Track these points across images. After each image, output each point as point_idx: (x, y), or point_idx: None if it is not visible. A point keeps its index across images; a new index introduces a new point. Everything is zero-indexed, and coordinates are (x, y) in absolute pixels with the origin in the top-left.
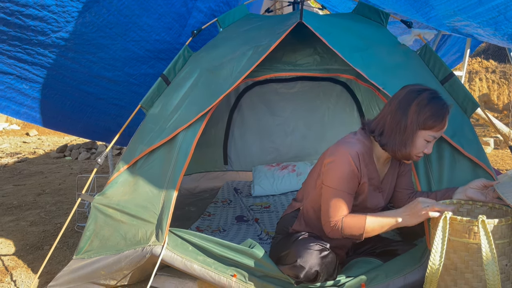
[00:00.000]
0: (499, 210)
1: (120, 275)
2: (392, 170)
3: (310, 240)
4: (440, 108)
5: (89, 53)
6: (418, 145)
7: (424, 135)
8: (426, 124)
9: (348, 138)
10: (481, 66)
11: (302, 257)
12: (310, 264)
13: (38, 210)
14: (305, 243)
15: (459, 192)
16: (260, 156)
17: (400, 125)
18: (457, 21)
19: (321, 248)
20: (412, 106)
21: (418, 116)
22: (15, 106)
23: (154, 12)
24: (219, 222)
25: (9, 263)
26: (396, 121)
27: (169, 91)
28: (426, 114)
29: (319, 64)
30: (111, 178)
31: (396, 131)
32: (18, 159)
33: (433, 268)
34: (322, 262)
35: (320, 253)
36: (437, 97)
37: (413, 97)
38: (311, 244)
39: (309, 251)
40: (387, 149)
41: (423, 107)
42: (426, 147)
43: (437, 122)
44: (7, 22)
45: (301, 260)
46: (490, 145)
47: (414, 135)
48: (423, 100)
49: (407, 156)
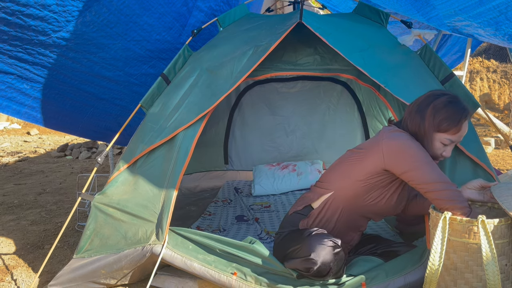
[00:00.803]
0: (498, 210)
1: (120, 274)
2: None
3: (324, 236)
4: (455, 112)
5: (90, 53)
6: (436, 148)
7: (440, 138)
8: (441, 127)
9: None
10: (482, 66)
11: (316, 252)
12: (324, 259)
13: (39, 209)
14: (319, 238)
15: None
16: (260, 155)
17: (419, 128)
18: (457, 21)
19: (334, 245)
20: (429, 109)
21: (434, 119)
22: (16, 106)
23: (154, 11)
24: (220, 222)
25: (9, 262)
26: (416, 124)
27: (169, 91)
28: (441, 117)
29: (320, 63)
30: (111, 177)
31: (418, 133)
32: (19, 158)
33: (433, 268)
34: (335, 258)
35: (333, 249)
36: (455, 101)
37: (431, 100)
38: (325, 240)
39: (323, 246)
40: None
41: (439, 110)
42: (444, 150)
43: (452, 125)
44: (8, 22)
45: (315, 255)
46: (491, 145)
47: (431, 137)
48: (440, 104)
49: None
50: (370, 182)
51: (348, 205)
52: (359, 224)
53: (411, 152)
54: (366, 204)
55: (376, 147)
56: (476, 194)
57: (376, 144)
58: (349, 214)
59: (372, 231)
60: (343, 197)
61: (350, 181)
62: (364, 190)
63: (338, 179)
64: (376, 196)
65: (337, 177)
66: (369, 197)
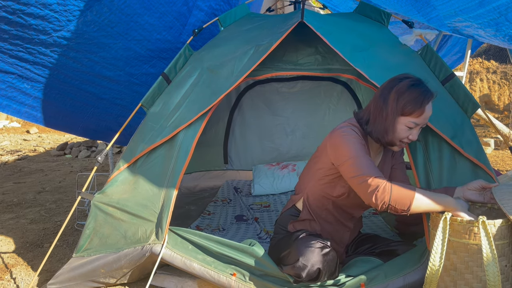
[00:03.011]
0: (498, 211)
1: (119, 274)
2: (386, 161)
3: (311, 238)
4: (418, 95)
5: (91, 53)
6: (400, 132)
7: (404, 122)
8: (405, 110)
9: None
10: (482, 67)
11: (304, 256)
12: (312, 262)
13: (38, 208)
14: (306, 241)
15: (457, 193)
16: (260, 155)
17: (382, 112)
18: (458, 22)
19: (322, 246)
20: (392, 93)
21: (397, 103)
22: (16, 105)
23: (155, 11)
24: (219, 221)
25: (9, 261)
26: (379, 109)
27: (170, 90)
28: (404, 100)
29: (320, 63)
30: (111, 177)
31: (379, 118)
32: (18, 157)
33: (433, 269)
34: (324, 259)
35: (321, 250)
36: (417, 84)
37: (394, 84)
38: (312, 242)
39: (310, 249)
40: (372, 137)
41: (402, 94)
42: (410, 133)
43: (415, 108)
44: (8, 20)
45: (303, 259)
46: (490, 146)
47: (394, 121)
48: (403, 87)
49: (391, 143)
50: (330, 178)
51: (321, 204)
52: (342, 221)
53: (345, 146)
54: (337, 200)
55: (325, 143)
56: (476, 195)
57: (326, 140)
58: (327, 212)
59: (370, 231)
60: (315, 197)
61: (314, 181)
62: (329, 187)
63: (306, 180)
64: (342, 191)
65: (305, 178)
66: (336, 192)
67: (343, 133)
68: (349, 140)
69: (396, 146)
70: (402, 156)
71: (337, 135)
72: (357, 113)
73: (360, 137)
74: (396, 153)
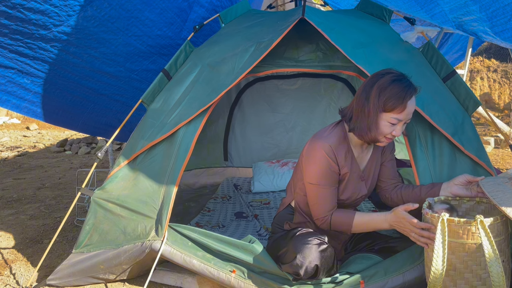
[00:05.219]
0: (486, 204)
1: (119, 270)
2: (375, 158)
3: (308, 235)
4: (400, 90)
5: (91, 48)
6: (383, 128)
7: (387, 118)
8: (386, 106)
9: (322, 132)
10: (482, 65)
11: (301, 253)
12: (309, 259)
13: (38, 204)
14: (303, 238)
15: (444, 189)
16: (260, 152)
17: (364, 109)
18: (466, 14)
19: (319, 242)
20: (373, 89)
21: (378, 99)
22: (16, 101)
23: (156, 6)
24: (219, 218)
25: (8, 256)
26: (361, 105)
27: (170, 86)
28: (385, 96)
29: (322, 60)
30: (111, 173)
31: (361, 115)
32: (18, 153)
33: (436, 274)
34: (321, 256)
35: (318, 247)
36: (399, 79)
37: (375, 80)
38: (309, 238)
39: (308, 245)
40: (355, 134)
41: (383, 90)
42: (393, 129)
43: (397, 104)
44: (8, 15)
45: (300, 256)
46: (490, 144)
47: (377, 118)
48: (384, 83)
49: (374, 139)
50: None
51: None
52: None
53: (315, 169)
54: None
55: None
56: (463, 190)
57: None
58: None
59: None
60: (304, 203)
61: (298, 188)
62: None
63: (293, 184)
64: None
65: (292, 182)
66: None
67: (320, 151)
68: (321, 163)
69: (380, 142)
70: (392, 153)
71: (314, 149)
72: (342, 110)
73: (334, 160)
74: (386, 150)
